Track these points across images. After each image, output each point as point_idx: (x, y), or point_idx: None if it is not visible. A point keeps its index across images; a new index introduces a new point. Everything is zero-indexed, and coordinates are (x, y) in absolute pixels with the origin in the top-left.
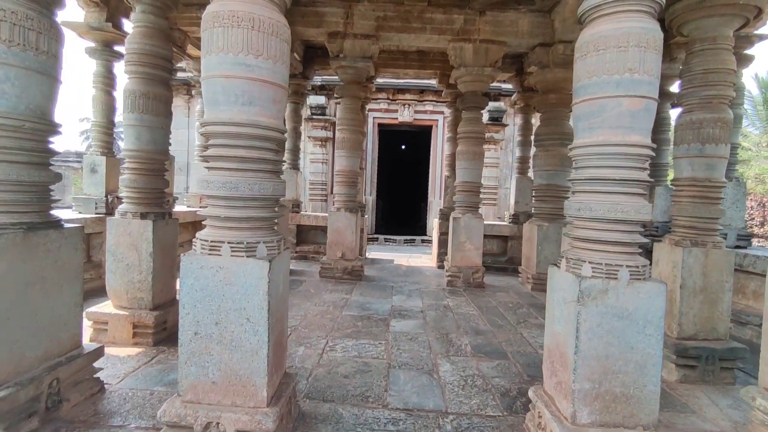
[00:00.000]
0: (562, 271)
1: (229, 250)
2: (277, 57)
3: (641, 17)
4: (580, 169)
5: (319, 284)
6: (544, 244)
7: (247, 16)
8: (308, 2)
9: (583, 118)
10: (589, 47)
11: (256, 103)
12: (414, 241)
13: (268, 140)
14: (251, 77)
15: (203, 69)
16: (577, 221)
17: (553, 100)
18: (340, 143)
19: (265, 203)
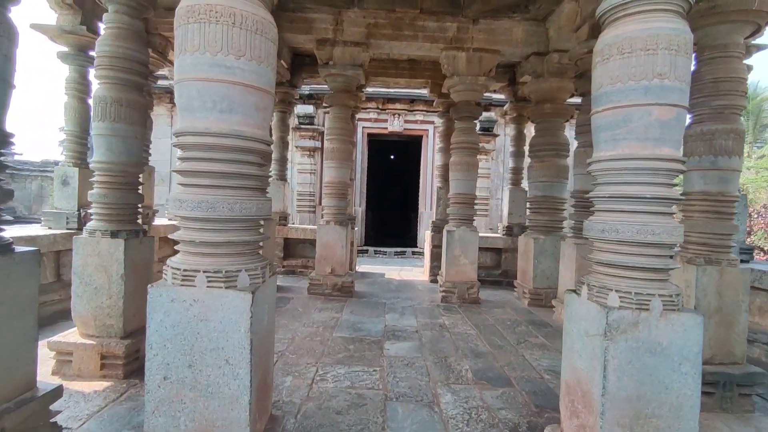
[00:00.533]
0: (583, 300)
1: (205, 280)
2: (262, 58)
3: (670, 17)
4: (603, 185)
5: (307, 302)
6: (540, 257)
7: (227, 11)
8: (296, 8)
9: (605, 128)
10: (612, 50)
11: (238, 110)
12: (404, 253)
13: (251, 153)
14: (232, 81)
15: (176, 71)
16: (600, 243)
17: (548, 109)
18: (329, 153)
19: (247, 225)
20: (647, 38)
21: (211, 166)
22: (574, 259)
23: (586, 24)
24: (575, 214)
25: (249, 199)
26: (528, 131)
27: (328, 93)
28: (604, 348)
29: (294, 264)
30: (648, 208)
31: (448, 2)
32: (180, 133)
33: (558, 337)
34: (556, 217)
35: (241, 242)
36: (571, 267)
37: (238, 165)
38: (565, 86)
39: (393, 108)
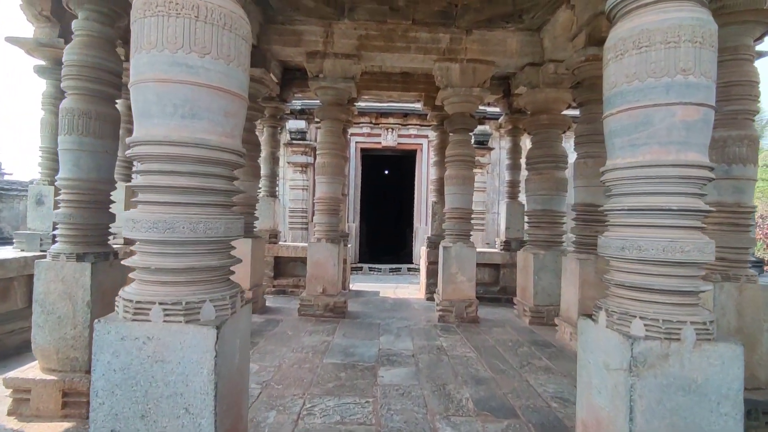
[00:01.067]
0: (601, 328)
1: (162, 314)
2: (232, 57)
3: (693, 6)
4: (620, 197)
5: (297, 324)
6: (540, 273)
7: (190, 3)
8: (285, 20)
9: (620, 132)
10: (627, 45)
11: (203, 115)
12: (400, 270)
13: (219, 164)
14: (195, 82)
15: (132, 72)
16: (619, 263)
17: (544, 121)
18: (321, 168)
19: (214, 247)
20: (668, 30)
21: (171, 180)
22: (577, 275)
23: (583, 32)
24: (576, 228)
25: (216, 218)
26: (524, 144)
27: (319, 107)
28: (629, 385)
29: (285, 283)
30: (675, 222)
31: (441, 13)
32: (135, 142)
33: (563, 358)
34: (556, 231)
35: (205, 268)
36: (574, 283)
37: (203, 178)
38: (562, 97)
39: (386, 122)
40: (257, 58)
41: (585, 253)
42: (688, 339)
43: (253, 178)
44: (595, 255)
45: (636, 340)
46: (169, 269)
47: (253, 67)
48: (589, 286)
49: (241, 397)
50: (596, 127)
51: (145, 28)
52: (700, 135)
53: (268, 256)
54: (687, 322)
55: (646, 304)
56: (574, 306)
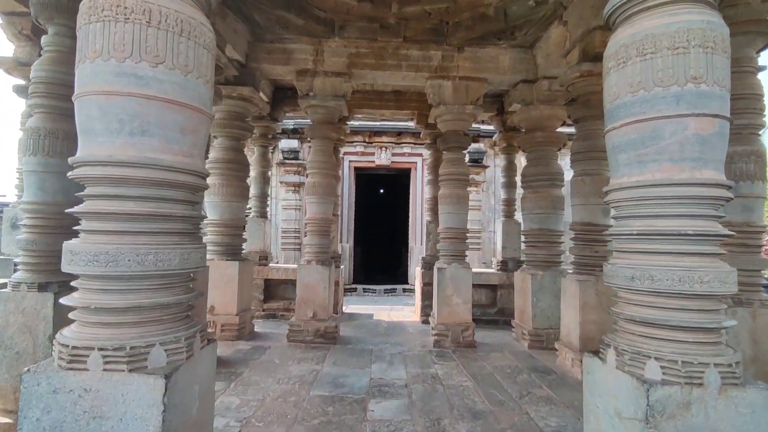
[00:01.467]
0: (610, 368)
1: (101, 361)
2: (190, 67)
3: (702, 8)
4: (628, 219)
5: (285, 351)
6: (539, 294)
7: (141, 7)
8: (274, 39)
9: (625, 148)
10: (629, 52)
11: (154, 132)
12: (395, 291)
13: (174, 187)
14: (145, 94)
15: (76, 84)
16: (628, 294)
17: (539, 138)
18: (311, 188)
19: (166, 282)
20: (675, 34)
21: (117, 206)
22: (577, 298)
23: (576, 48)
24: (575, 248)
25: (169, 248)
26: (519, 161)
27: (310, 125)
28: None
29: (275, 307)
30: (691, 248)
31: (432, 31)
32: (77, 162)
33: (565, 386)
34: (554, 251)
35: (156, 306)
36: (574, 306)
37: (156, 203)
38: (556, 114)
39: (380, 141)
40: (246, 77)
41: (585, 274)
42: (713, 384)
43: (241, 198)
44: (596, 276)
45: (652, 385)
46: (112, 308)
47: (242, 85)
48: (590, 309)
49: None
50: (593, 144)
51: (89, 35)
52: (716, 150)
53: (258, 279)
54: (710, 364)
55: (661, 343)
56: (575, 330)
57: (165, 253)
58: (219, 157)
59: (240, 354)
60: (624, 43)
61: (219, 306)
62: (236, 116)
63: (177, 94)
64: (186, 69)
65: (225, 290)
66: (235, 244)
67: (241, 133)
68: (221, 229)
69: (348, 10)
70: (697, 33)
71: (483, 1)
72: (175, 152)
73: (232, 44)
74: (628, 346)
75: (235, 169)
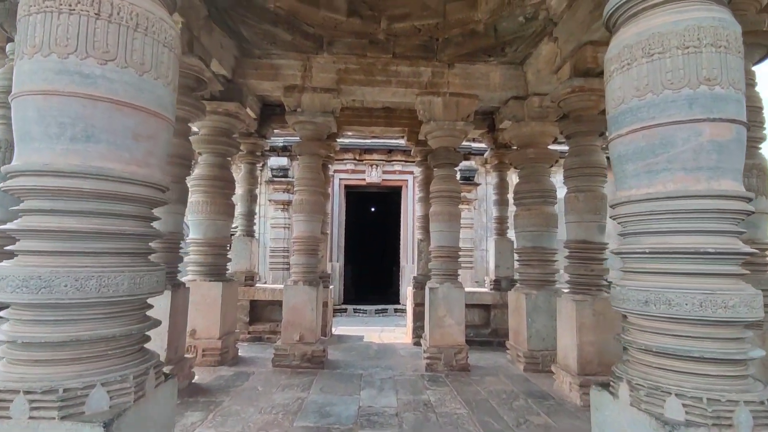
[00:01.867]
0: (623, 404)
1: (27, 407)
2: (147, 66)
3: (711, 5)
4: (637, 236)
5: (270, 377)
6: (534, 315)
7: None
8: (262, 54)
9: (633, 157)
10: (635, 53)
11: (101, 137)
12: (386, 311)
13: (126, 201)
14: (91, 95)
15: (14, 83)
16: (641, 320)
17: (531, 155)
18: (298, 206)
19: (113, 311)
20: (685, 32)
21: (55, 222)
22: (574, 319)
23: (567, 64)
24: (570, 266)
25: (117, 271)
26: (510, 179)
27: (298, 142)
28: None
29: (261, 329)
30: (712, 268)
31: (421, 47)
32: (11, 172)
33: (563, 413)
34: (548, 270)
35: (98, 338)
36: (570, 327)
37: (102, 219)
38: (548, 130)
39: (370, 159)
40: (232, 92)
41: (581, 293)
42: (743, 424)
43: (226, 216)
44: (592, 296)
45: (675, 427)
46: (45, 343)
47: (228, 101)
48: (587, 331)
49: None
50: (586, 160)
51: (29, 28)
52: (734, 158)
53: (243, 300)
54: (740, 402)
55: (682, 376)
56: (573, 352)
57: (111, 276)
58: (203, 173)
59: (221, 381)
60: (628, 44)
61: (201, 329)
62: (222, 132)
63: (130, 96)
64: (141, 68)
65: (207, 312)
66: (218, 264)
67: (227, 150)
68: (204, 249)
69: (336, 25)
70: (708, 31)
71: (473, 18)
72: (126, 161)
73: (218, 59)
74: (643, 380)
75: (220, 187)
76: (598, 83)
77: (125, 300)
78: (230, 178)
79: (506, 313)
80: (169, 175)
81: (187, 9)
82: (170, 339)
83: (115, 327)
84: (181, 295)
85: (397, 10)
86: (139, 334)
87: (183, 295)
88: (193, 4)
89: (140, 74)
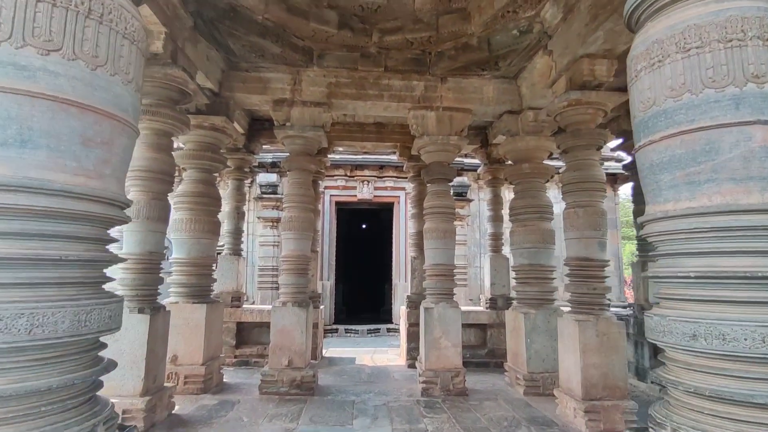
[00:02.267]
0: None
1: None
2: (103, 60)
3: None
4: (676, 257)
5: (257, 406)
6: (533, 335)
7: None
8: (250, 67)
9: (669, 166)
10: (666, 48)
11: (40, 142)
12: (378, 331)
13: (71, 219)
14: (29, 91)
15: None
16: (688, 357)
17: (526, 170)
18: (287, 223)
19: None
20: (726, 24)
21: None
22: (577, 340)
23: (563, 77)
24: (571, 285)
25: (56, 306)
26: (505, 195)
27: (287, 157)
28: None
29: (248, 353)
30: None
31: (414, 60)
32: None
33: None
34: (546, 288)
35: (26, 393)
36: (573, 349)
37: (40, 242)
38: (543, 145)
39: (362, 175)
40: (219, 106)
41: (583, 313)
42: None
43: (211, 235)
44: (596, 315)
45: None
46: None
47: (215, 115)
48: (591, 352)
49: None
50: (585, 175)
51: None
52: None
53: (230, 322)
54: None
55: (743, 426)
56: (576, 376)
57: (48, 314)
58: (188, 190)
59: (203, 411)
60: (658, 39)
61: (183, 355)
62: (207, 147)
63: (79, 93)
64: (94, 61)
65: (190, 337)
66: (202, 285)
67: (213, 165)
68: (188, 269)
69: (327, 38)
70: (753, 22)
71: (466, 31)
72: (72, 171)
73: (204, 72)
74: (693, 429)
75: (206, 204)
76: (595, 96)
77: (66, 342)
78: (216, 195)
79: (503, 332)
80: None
81: (171, 19)
82: (148, 367)
83: (52, 376)
84: (160, 319)
85: (389, 23)
86: (85, 382)
87: (163, 320)
88: (178, 14)
89: (93, 69)
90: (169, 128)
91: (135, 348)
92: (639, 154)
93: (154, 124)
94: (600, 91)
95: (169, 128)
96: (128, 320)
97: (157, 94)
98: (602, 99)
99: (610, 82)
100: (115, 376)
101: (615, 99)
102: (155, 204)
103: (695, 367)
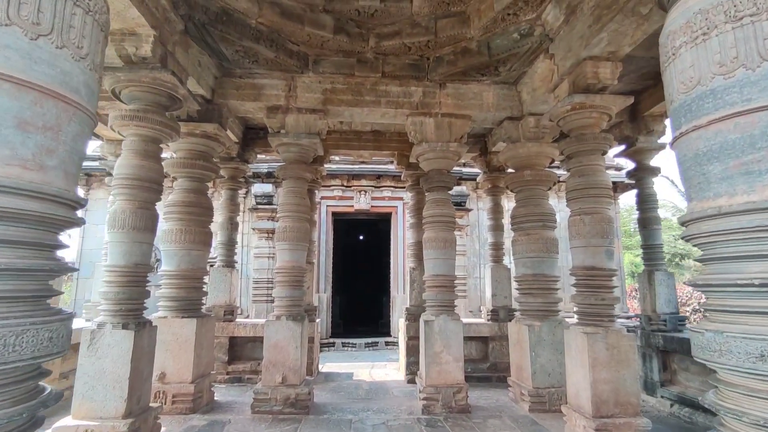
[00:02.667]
0: None
1: None
2: (47, 29)
3: None
4: (730, 262)
5: (248, 426)
6: (537, 348)
7: None
8: (243, 74)
9: (719, 154)
10: (713, 18)
11: None
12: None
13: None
14: None
15: None
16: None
17: (528, 177)
18: (281, 233)
19: None
20: None
21: None
22: (585, 353)
23: (565, 81)
24: (578, 295)
25: None
26: (505, 203)
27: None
28: None
29: (241, 369)
30: None
31: (412, 66)
32: None
33: None
34: (551, 299)
35: None
36: (582, 363)
37: None
38: (545, 151)
39: (358, 185)
40: (211, 113)
41: (592, 325)
42: None
43: (202, 246)
44: (605, 328)
45: None
46: None
47: (207, 122)
48: (601, 367)
49: None
50: (589, 180)
51: None
52: None
53: (222, 337)
54: None
55: None
56: (586, 391)
57: None
58: (178, 199)
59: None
60: (701, 8)
61: (171, 372)
62: (199, 155)
63: (12, 66)
64: (35, 29)
65: (179, 353)
66: (192, 298)
67: (205, 174)
68: (178, 281)
69: (323, 43)
70: None
71: (465, 35)
72: (3, 160)
73: (196, 77)
74: None
75: (197, 214)
76: (599, 99)
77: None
78: (208, 205)
79: (506, 345)
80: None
81: (160, 22)
82: (132, 387)
83: None
84: (146, 335)
85: (386, 28)
86: (13, 422)
87: (149, 336)
88: (168, 18)
89: (32, 37)
90: (157, 134)
91: (118, 367)
92: (679, 144)
93: (141, 130)
94: (604, 94)
95: (157, 134)
96: (111, 337)
97: (145, 98)
98: (607, 102)
99: (614, 86)
100: (96, 397)
101: (620, 102)
102: (142, 213)
103: (762, 394)
